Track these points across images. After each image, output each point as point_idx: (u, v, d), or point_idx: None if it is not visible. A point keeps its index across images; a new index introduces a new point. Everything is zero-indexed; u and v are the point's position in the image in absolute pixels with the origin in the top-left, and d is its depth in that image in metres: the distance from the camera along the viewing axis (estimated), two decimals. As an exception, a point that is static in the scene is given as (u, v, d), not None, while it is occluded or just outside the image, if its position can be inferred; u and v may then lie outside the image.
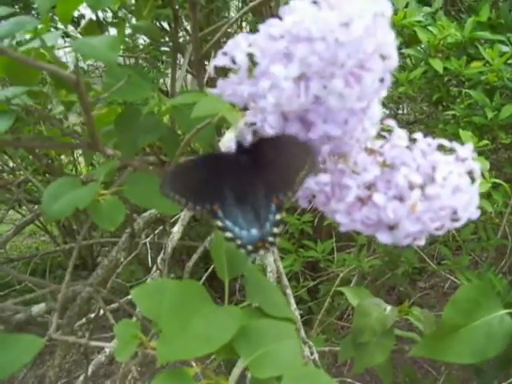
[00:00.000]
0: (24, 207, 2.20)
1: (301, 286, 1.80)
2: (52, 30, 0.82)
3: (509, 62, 1.27)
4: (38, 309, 0.82)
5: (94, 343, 0.63)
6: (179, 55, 1.11)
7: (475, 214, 0.41)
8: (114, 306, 1.15)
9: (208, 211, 0.45)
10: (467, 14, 1.67)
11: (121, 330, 0.53)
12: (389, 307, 0.96)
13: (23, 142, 0.73)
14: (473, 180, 0.41)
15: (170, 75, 1.09)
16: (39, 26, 0.70)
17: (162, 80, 2.29)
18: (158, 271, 1.19)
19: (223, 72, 0.43)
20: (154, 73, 2.22)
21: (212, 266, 1.49)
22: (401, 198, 0.40)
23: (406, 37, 1.46)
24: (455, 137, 1.37)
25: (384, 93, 0.39)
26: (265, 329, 0.51)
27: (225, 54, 0.39)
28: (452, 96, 1.49)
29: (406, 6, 1.44)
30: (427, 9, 1.54)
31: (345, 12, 0.32)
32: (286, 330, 0.53)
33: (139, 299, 0.53)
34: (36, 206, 2.03)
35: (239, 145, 0.44)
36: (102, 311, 1.00)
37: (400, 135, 0.43)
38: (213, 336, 0.46)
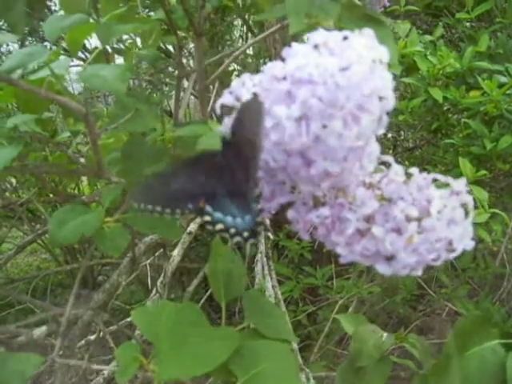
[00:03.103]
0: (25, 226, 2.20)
1: (300, 310, 1.80)
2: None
3: (508, 92, 1.29)
4: (39, 332, 0.82)
5: (95, 366, 0.64)
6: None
7: (470, 244, 0.43)
8: (113, 328, 1.16)
9: (192, 210, 0.46)
10: (467, 42, 1.69)
11: (122, 353, 0.54)
12: (385, 334, 0.98)
13: (30, 168, 0.75)
14: (466, 212, 0.43)
15: (173, 99, 1.11)
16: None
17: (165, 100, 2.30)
18: (158, 295, 1.20)
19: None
20: (157, 95, 2.24)
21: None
22: (398, 230, 0.42)
23: (406, 64, 1.48)
24: (454, 165, 1.39)
25: (381, 131, 0.40)
26: (260, 349, 0.52)
27: (231, 92, 0.41)
28: (451, 124, 1.51)
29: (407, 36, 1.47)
30: (428, 37, 1.57)
31: (344, 58, 0.34)
32: (281, 349, 0.54)
33: (139, 320, 0.54)
34: (38, 226, 2.05)
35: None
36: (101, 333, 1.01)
37: (397, 171, 0.44)
38: (209, 356, 0.47)
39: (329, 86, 0.34)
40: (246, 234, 0.45)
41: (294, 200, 0.44)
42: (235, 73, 2.76)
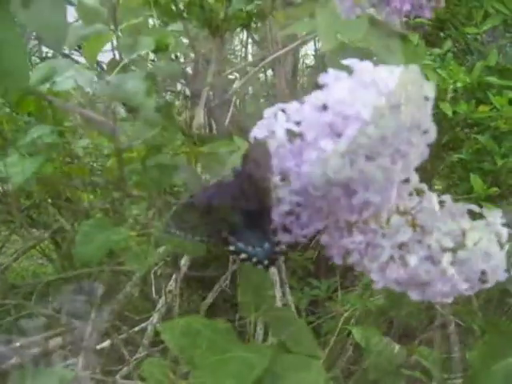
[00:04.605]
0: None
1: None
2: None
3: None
4: (54, 343, 0.82)
5: (121, 381, 0.64)
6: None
7: (503, 276, 0.43)
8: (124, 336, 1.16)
9: (217, 240, 0.48)
10: (476, 56, 1.69)
11: (151, 370, 0.54)
12: (397, 346, 0.99)
13: (49, 180, 0.75)
14: (501, 244, 0.43)
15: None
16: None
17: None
18: (166, 305, 1.20)
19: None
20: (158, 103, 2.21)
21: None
22: (432, 259, 0.42)
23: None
24: (461, 180, 1.40)
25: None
26: (291, 364, 0.53)
27: (264, 126, 0.42)
28: (459, 139, 1.51)
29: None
30: (437, 51, 1.57)
31: (393, 96, 0.34)
32: (312, 364, 0.55)
33: (168, 337, 0.54)
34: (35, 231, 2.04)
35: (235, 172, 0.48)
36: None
37: (431, 199, 0.45)
38: (243, 372, 0.48)
39: (378, 124, 0.34)
40: (266, 263, 0.48)
41: (328, 225, 0.45)
42: (236, 81, 2.75)
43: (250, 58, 2.51)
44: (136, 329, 1.33)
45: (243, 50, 2.71)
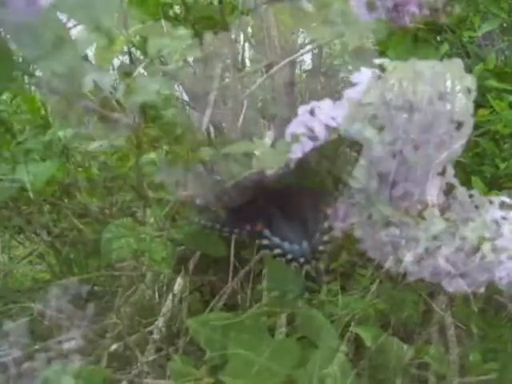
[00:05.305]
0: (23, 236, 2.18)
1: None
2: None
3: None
4: (68, 346, 0.82)
5: (148, 381, 0.64)
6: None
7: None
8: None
9: (250, 233, 0.48)
10: (473, 59, 1.70)
11: (176, 367, 0.55)
12: (405, 346, 0.99)
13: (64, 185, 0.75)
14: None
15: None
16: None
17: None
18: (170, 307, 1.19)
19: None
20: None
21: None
22: (466, 249, 0.43)
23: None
24: (461, 184, 1.41)
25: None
26: (318, 357, 0.54)
27: (301, 122, 0.43)
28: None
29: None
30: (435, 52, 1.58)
31: (440, 87, 0.36)
32: (338, 357, 0.55)
33: (198, 332, 0.55)
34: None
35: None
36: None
37: (462, 192, 0.46)
38: (276, 367, 0.49)
39: (425, 113, 0.35)
40: (302, 260, 0.47)
41: (364, 219, 0.46)
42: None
43: (247, 62, 2.52)
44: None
45: (239, 55, 2.71)
